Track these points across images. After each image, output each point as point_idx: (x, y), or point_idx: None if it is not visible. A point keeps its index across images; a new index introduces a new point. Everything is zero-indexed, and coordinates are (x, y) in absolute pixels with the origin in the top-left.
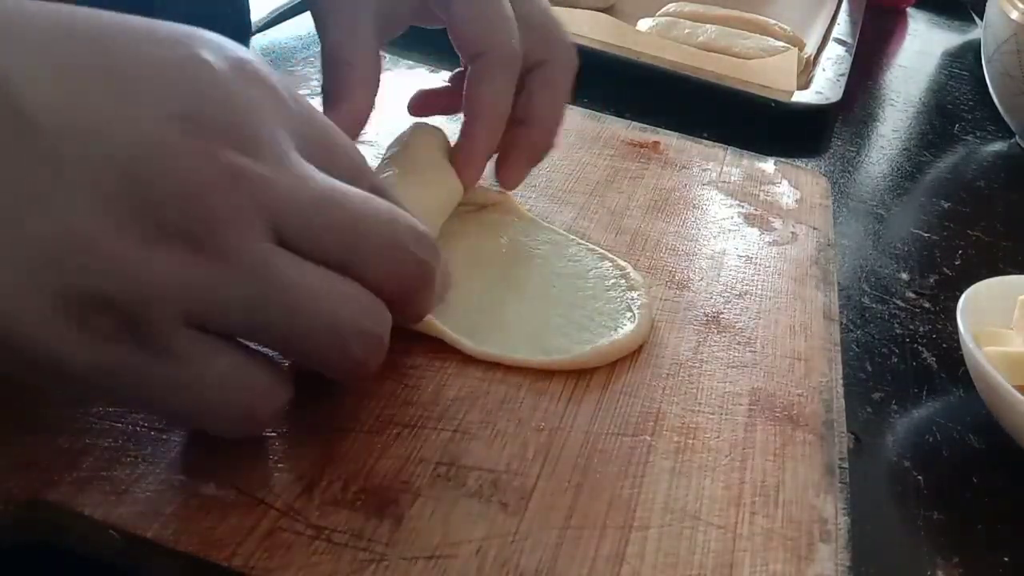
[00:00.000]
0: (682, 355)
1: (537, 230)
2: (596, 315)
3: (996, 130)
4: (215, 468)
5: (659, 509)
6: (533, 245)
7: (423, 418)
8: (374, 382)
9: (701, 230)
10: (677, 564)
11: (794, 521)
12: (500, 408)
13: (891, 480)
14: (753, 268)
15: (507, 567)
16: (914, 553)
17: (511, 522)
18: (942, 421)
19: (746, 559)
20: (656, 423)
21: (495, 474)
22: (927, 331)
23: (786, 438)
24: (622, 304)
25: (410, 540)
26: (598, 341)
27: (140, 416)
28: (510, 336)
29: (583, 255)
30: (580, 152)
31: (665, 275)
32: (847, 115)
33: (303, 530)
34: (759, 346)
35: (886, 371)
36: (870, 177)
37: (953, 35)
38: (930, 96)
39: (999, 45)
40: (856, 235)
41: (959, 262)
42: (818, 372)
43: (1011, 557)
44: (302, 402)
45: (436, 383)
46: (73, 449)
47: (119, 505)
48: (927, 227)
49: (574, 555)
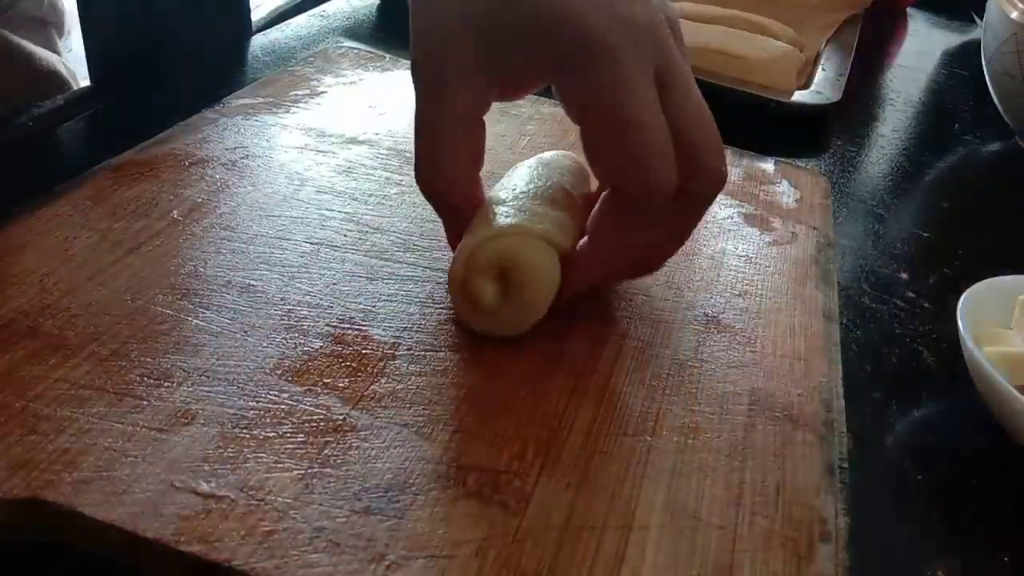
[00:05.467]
0: (682, 355)
1: None
2: None
3: (996, 130)
4: (215, 468)
5: (659, 509)
6: None
7: (423, 418)
8: (374, 382)
9: (701, 230)
10: (677, 564)
11: (794, 521)
12: (500, 408)
13: (891, 480)
14: (753, 268)
15: (507, 567)
16: (914, 553)
17: (511, 522)
18: (942, 421)
19: (746, 559)
20: (656, 423)
21: (495, 474)
22: (927, 331)
23: (786, 438)
24: None
25: (410, 540)
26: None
27: (140, 416)
28: None
29: None
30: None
31: (665, 275)
32: (847, 115)
33: (303, 530)
34: (759, 346)
35: (886, 371)
36: (870, 177)
37: (953, 35)
38: (930, 96)
39: (999, 45)
40: (856, 235)
41: (959, 262)
42: (818, 372)
43: (1011, 557)
44: (302, 402)
45: (436, 383)
46: (73, 449)
47: (119, 505)
48: (927, 227)
49: (574, 555)
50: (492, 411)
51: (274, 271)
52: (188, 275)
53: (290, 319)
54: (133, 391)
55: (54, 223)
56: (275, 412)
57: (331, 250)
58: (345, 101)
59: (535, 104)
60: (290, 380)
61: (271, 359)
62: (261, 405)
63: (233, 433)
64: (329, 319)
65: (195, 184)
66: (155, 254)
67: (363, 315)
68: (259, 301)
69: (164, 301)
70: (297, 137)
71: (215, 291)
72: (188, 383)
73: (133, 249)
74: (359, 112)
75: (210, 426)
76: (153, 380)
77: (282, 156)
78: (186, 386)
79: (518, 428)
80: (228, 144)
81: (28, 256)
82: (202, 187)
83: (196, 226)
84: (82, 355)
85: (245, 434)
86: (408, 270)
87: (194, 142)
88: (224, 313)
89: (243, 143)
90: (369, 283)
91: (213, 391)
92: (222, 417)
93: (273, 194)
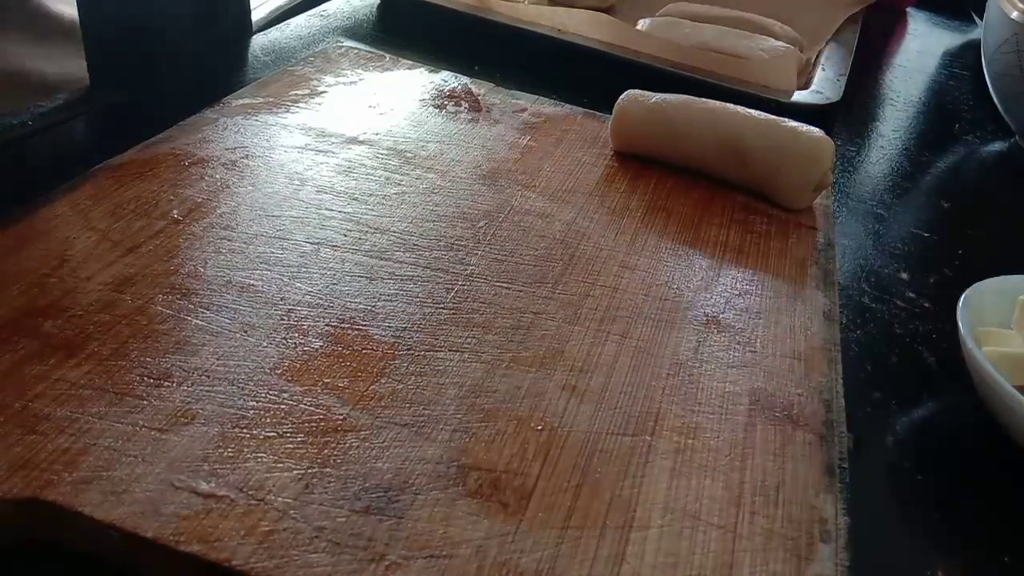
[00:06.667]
0: (682, 355)
1: None
2: None
3: (996, 130)
4: (215, 468)
5: (659, 509)
6: None
7: (423, 418)
8: (374, 382)
9: (702, 230)
10: (677, 564)
11: (794, 521)
12: (500, 408)
13: (891, 480)
14: (753, 268)
15: (507, 567)
16: (914, 553)
17: (511, 522)
18: (942, 421)
19: (746, 559)
20: (656, 423)
21: (495, 474)
22: (927, 331)
23: (786, 438)
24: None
25: (410, 540)
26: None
27: (140, 416)
28: None
29: None
30: (580, 152)
31: (665, 275)
32: (847, 115)
33: (303, 530)
34: (759, 346)
35: (886, 371)
36: (870, 177)
37: (953, 35)
38: (930, 96)
39: (999, 45)
40: (856, 235)
41: (959, 262)
42: (818, 372)
43: (1011, 557)
44: (302, 402)
45: (436, 383)
46: (73, 449)
47: (119, 505)
48: (927, 227)
49: (574, 555)
50: (492, 411)
51: (274, 271)
52: (188, 275)
53: (290, 319)
54: (133, 391)
55: (54, 223)
56: (275, 412)
57: (331, 250)
58: (345, 101)
59: (535, 104)
60: (290, 380)
61: (271, 359)
62: (261, 405)
63: (233, 433)
64: (329, 319)
65: (195, 184)
66: (155, 254)
67: (363, 315)
68: (259, 301)
69: (164, 301)
70: (297, 137)
71: (215, 291)
72: (188, 383)
73: (133, 249)
74: (359, 112)
75: (210, 426)
76: (153, 380)
77: (282, 156)
78: (186, 386)
79: (518, 428)
80: (228, 144)
81: (28, 256)
82: (202, 187)
83: (196, 226)
84: (82, 355)
85: (245, 434)
86: (408, 270)
87: (194, 142)
88: (224, 313)
89: (243, 143)
90: (369, 283)
91: (213, 391)
92: (222, 417)
93: (273, 194)
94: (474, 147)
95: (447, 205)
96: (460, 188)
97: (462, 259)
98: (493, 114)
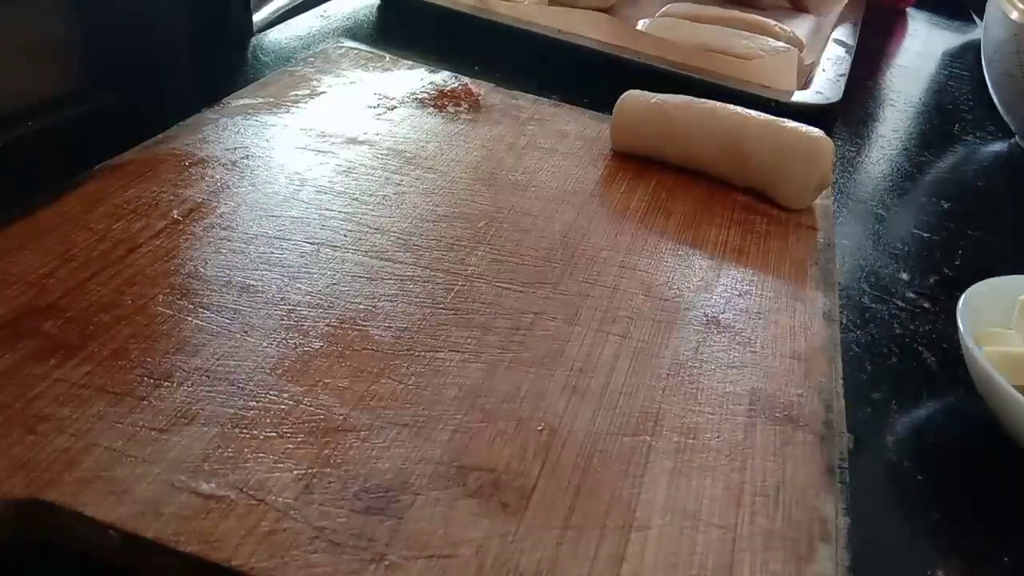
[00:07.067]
0: (682, 355)
1: None
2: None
3: (996, 130)
4: (215, 468)
5: (659, 509)
6: None
7: (423, 418)
8: (374, 382)
9: (702, 230)
10: (677, 564)
11: (794, 521)
12: (500, 408)
13: (891, 480)
14: (753, 268)
15: (507, 567)
16: (914, 553)
17: (511, 522)
18: (942, 421)
19: (746, 559)
20: (656, 423)
21: (495, 474)
22: (927, 331)
23: (786, 438)
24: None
25: (410, 540)
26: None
27: (140, 416)
28: None
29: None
30: (580, 152)
31: (665, 275)
32: (847, 115)
33: (303, 530)
34: (759, 346)
35: (886, 371)
36: (870, 177)
37: (953, 35)
38: (930, 96)
39: (999, 45)
40: (856, 235)
41: (959, 262)
42: (818, 372)
43: (1011, 557)
44: (302, 402)
45: (436, 383)
46: (73, 449)
47: (119, 505)
48: (927, 227)
49: (574, 555)
50: (492, 411)
51: (274, 271)
52: (188, 275)
53: (290, 319)
54: (133, 391)
55: (54, 223)
56: (275, 412)
57: (331, 250)
58: (345, 101)
59: (535, 104)
60: (290, 380)
61: (271, 359)
62: (261, 405)
63: (233, 433)
64: (329, 319)
65: (195, 184)
66: (155, 254)
67: (363, 315)
68: (259, 301)
69: (164, 301)
70: (297, 137)
71: (215, 291)
72: (188, 383)
73: (133, 249)
74: (359, 112)
75: (210, 426)
76: (153, 380)
77: (282, 156)
78: (186, 386)
79: (518, 428)
80: (228, 144)
81: (28, 256)
82: (202, 187)
83: (196, 226)
84: (82, 355)
85: (245, 434)
86: (408, 270)
87: (194, 142)
88: (224, 313)
89: (243, 143)
90: (369, 283)
91: (213, 391)
92: (222, 417)
93: (273, 194)
94: (474, 147)
95: (447, 205)
96: (460, 188)
97: (462, 259)
98: (493, 114)
